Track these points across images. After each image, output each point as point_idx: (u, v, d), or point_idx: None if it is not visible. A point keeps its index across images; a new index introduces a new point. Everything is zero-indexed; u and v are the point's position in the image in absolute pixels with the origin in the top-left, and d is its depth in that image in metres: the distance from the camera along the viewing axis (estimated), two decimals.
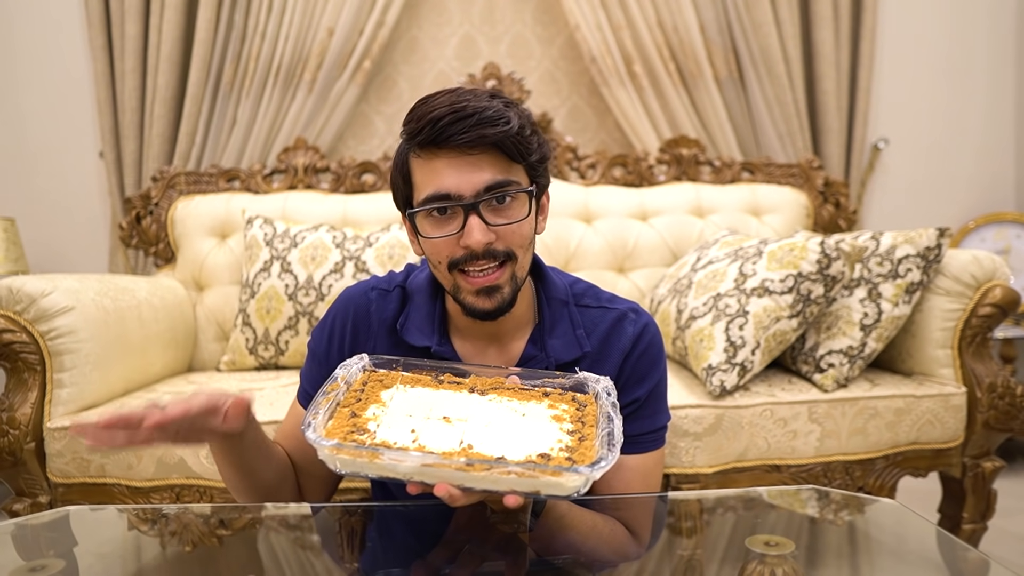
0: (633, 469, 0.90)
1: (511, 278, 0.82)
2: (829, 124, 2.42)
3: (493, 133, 0.76)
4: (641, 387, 0.92)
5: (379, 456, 0.64)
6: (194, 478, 1.38)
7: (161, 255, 2.08)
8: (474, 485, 0.63)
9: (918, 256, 1.48)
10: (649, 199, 2.11)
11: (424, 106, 0.78)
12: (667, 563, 0.77)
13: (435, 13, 2.44)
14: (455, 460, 0.62)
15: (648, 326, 0.93)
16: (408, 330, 0.91)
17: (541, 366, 0.89)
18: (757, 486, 1.44)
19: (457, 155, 0.77)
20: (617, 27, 2.32)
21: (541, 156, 0.83)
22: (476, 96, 0.78)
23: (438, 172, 0.78)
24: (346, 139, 2.44)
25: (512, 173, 0.80)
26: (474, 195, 0.78)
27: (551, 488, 0.63)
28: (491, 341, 0.92)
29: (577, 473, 0.62)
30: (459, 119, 0.75)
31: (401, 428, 0.69)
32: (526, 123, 0.80)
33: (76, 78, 2.39)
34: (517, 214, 0.81)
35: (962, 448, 1.51)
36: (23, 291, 1.37)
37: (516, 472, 0.62)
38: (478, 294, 0.82)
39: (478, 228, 0.78)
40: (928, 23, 2.54)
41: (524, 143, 0.79)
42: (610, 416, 0.71)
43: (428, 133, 0.77)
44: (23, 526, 0.90)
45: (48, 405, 1.40)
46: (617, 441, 0.66)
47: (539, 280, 0.94)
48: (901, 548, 0.79)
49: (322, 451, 0.65)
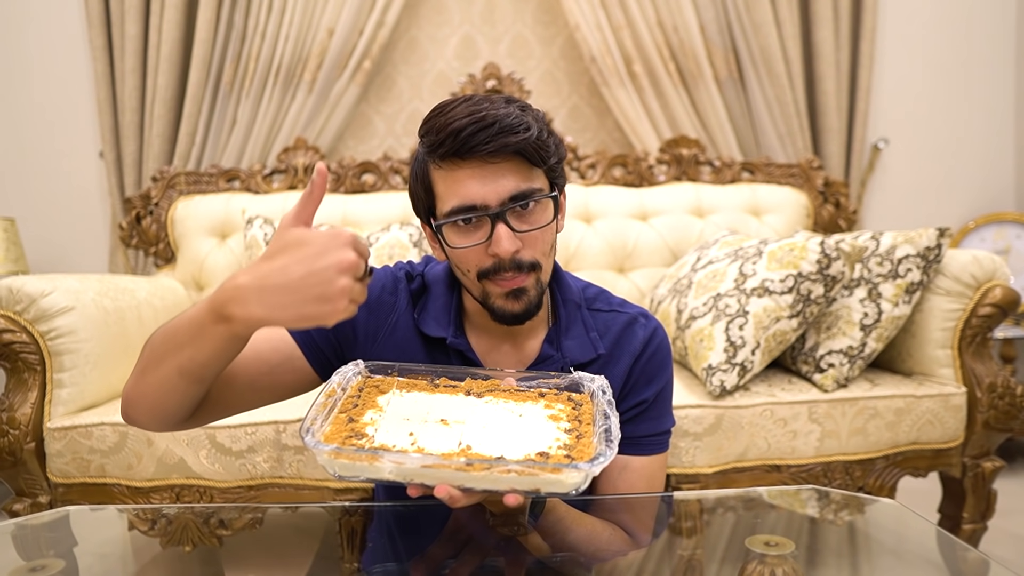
0: (637, 471, 0.91)
1: (536, 282, 0.83)
2: (829, 124, 2.42)
3: (515, 141, 0.76)
4: (649, 389, 0.92)
5: (379, 459, 0.63)
6: (194, 478, 1.38)
7: (161, 255, 2.08)
8: (474, 485, 0.63)
9: (918, 256, 1.48)
10: (649, 199, 2.11)
11: (442, 117, 0.77)
12: (667, 563, 0.77)
13: (435, 13, 2.44)
14: (455, 460, 0.62)
15: (657, 330, 0.95)
16: (424, 320, 0.91)
17: (556, 366, 0.90)
18: (757, 486, 1.44)
19: (480, 164, 0.77)
20: (617, 27, 2.32)
21: (559, 158, 0.84)
22: (493, 103, 0.78)
23: (462, 183, 0.78)
24: (346, 139, 2.44)
25: (534, 179, 0.81)
26: (500, 204, 0.78)
27: (551, 486, 0.63)
28: (506, 338, 0.92)
29: (576, 469, 0.62)
30: (480, 129, 0.75)
31: (399, 432, 0.69)
32: (543, 127, 0.80)
33: (76, 78, 2.39)
34: (542, 219, 0.81)
35: (962, 448, 1.51)
36: (23, 291, 1.38)
37: (516, 471, 0.62)
38: (507, 297, 0.82)
39: (506, 236, 0.78)
40: (928, 23, 2.54)
41: (544, 148, 0.80)
42: (607, 413, 0.71)
43: (451, 145, 0.76)
44: (23, 526, 0.90)
45: (48, 405, 1.40)
46: (615, 437, 0.66)
47: (554, 282, 0.95)
48: (901, 548, 0.79)
49: (320, 455, 0.65)
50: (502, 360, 0.92)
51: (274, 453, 1.37)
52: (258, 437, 1.37)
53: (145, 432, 1.37)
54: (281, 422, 1.37)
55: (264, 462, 1.37)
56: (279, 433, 1.37)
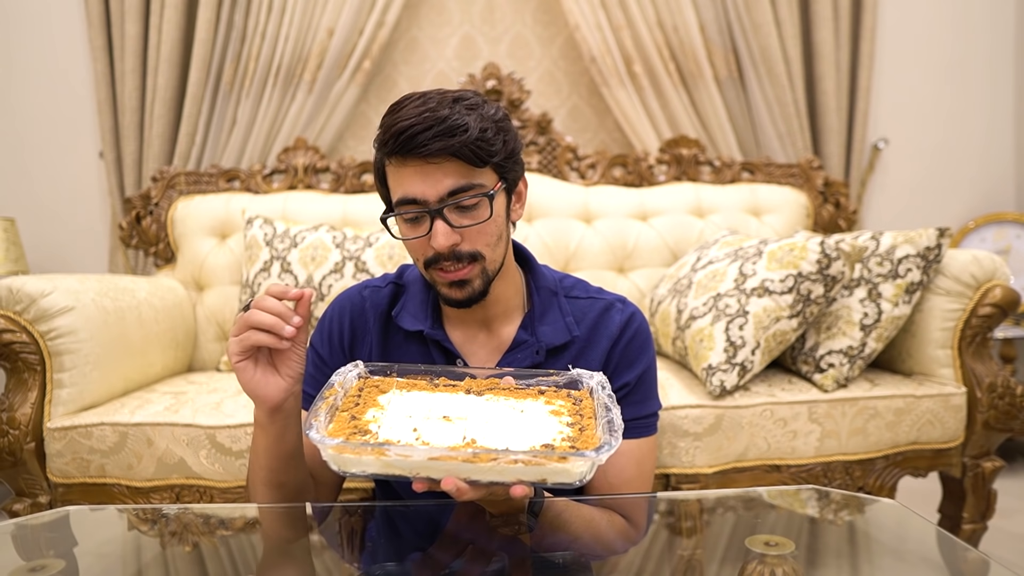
0: (626, 455, 0.93)
1: (481, 272, 0.88)
2: (829, 124, 2.42)
3: (452, 143, 0.80)
4: (631, 371, 0.95)
5: (385, 452, 0.64)
6: (194, 478, 1.38)
7: (161, 255, 2.08)
8: (481, 477, 0.63)
9: (918, 256, 1.48)
10: (649, 199, 2.11)
11: (392, 116, 0.82)
12: (667, 563, 0.77)
13: (435, 13, 2.44)
14: (461, 452, 0.63)
15: (635, 315, 0.98)
16: (402, 316, 0.97)
17: (531, 351, 0.93)
18: (757, 486, 1.44)
19: (422, 163, 0.82)
20: (617, 27, 2.32)
21: (508, 152, 0.86)
22: (441, 104, 0.81)
23: (407, 178, 0.83)
24: (346, 139, 2.44)
25: (475, 177, 0.84)
26: (438, 200, 0.83)
27: (557, 475, 0.64)
28: (481, 327, 0.97)
29: (583, 457, 0.63)
30: (420, 131, 0.79)
31: (402, 428, 0.70)
32: (488, 125, 0.83)
33: (76, 78, 2.39)
34: (482, 215, 0.85)
35: (962, 448, 1.51)
36: (23, 291, 1.37)
37: (523, 460, 0.63)
38: (450, 286, 0.88)
39: (442, 232, 0.83)
40: (928, 23, 2.54)
41: (485, 147, 0.82)
42: (607, 406, 0.73)
43: (393, 144, 0.81)
44: (23, 526, 0.90)
45: (48, 405, 1.40)
46: (618, 428, 0.68)
47: (528, 271, 0.99)
48: (901, 548, 0.79)
49: (325, 451, 0.65)
50: (479, 348, 0.96)
51: None
52: None
53: (145, 432, 1.37)
54: None
55: None
56: None
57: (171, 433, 1.37)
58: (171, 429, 1.37)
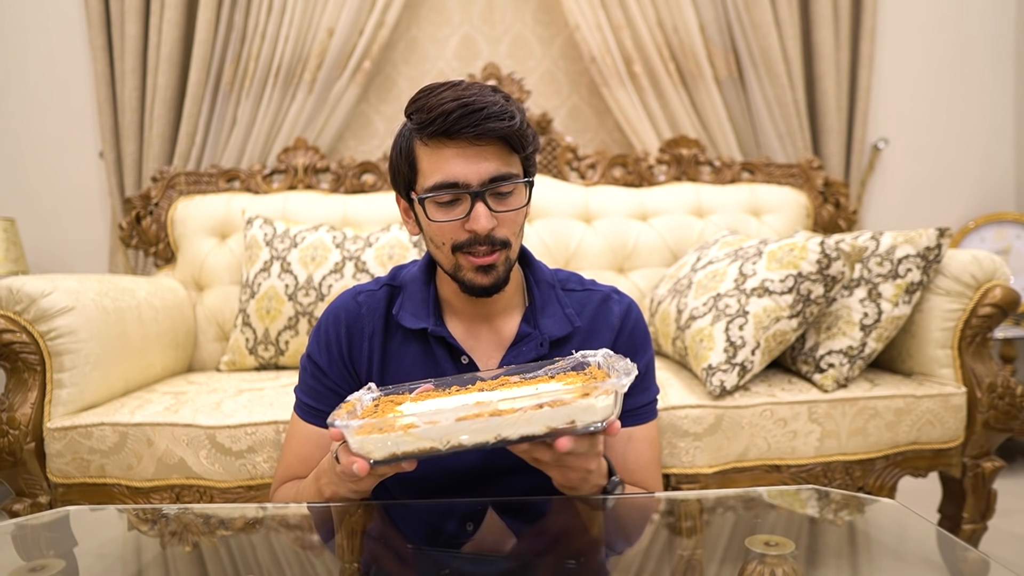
0: (641, 439, 0.98)
1: (506, 260, 0.90)
2: (829, 124, 2.42)
3: (500, 127, 0.82)
4: (638, 360, 0.96)
5: (415, 425, 0.65)
6: (194, 478, 1.38)
7: (161, 255, 2.08)
8: (512, 432, 0.65)
9: (918, 256, 1.48)
10: (649, 199, 2.11)
11: (432, 97, 0.83)
12: (667, 563, 0.77)
13: (435, 13, 2.44)
14: (487, 407, 0.65)
15: (631, 305, 1.02)
16: (403, 315, 0.96)
17: (535, 343, 0.94)
18: (757, 486, 1.44)
19: (466, 145, 0.83)
20: (617, 27, 2.32)
21: (534, 148, 0.91)
22: (481, 91, 0.84)
23: (447, 161, 0.84)
24: (346, 139, 2.44)
25: (512, 164, 0.87)
26: (480, 184, 0.84)
27: (584, 413, 0.65)
28: (484, 322, 0.97)
29: (605, 389, 0.65)
30: (469, 112, 0.81)
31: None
32: (524, 118, 0.87)
33: (76, 78, 2.39)
34: (517, 202, 0.88)
35: (962, 448, 1.51)
36: (23, 291, 1.38)
37: (548, 403, 0.64)
38: (477, 271, 0.88)
39: (484, 215, 0.84)
40: (928, 23, 2.54)
41: (524, 137, 0.86)
42: (617, 363, 0.75)
43: (440, 125, 0.82)
44: (23, 526, 0.90)
45: (48, 405, 1.40)
46: (631, 368, 0.70)
47: (526, 266, 1.01)
48: (901, 548, 0.79)
49: (352, 437, 0.66)
50: (482, 343, 0.97)
51: (274, 453, 1.37)
52: (258, 437, 1.37)
53: (145, 432, 1.37)
54: (281, 422, 1.37)
55: (264, 462, 1.37)
56: (279, 433, 1.37)
57: (171, 433, 1.37)
58: (171, 429, 1.37)
